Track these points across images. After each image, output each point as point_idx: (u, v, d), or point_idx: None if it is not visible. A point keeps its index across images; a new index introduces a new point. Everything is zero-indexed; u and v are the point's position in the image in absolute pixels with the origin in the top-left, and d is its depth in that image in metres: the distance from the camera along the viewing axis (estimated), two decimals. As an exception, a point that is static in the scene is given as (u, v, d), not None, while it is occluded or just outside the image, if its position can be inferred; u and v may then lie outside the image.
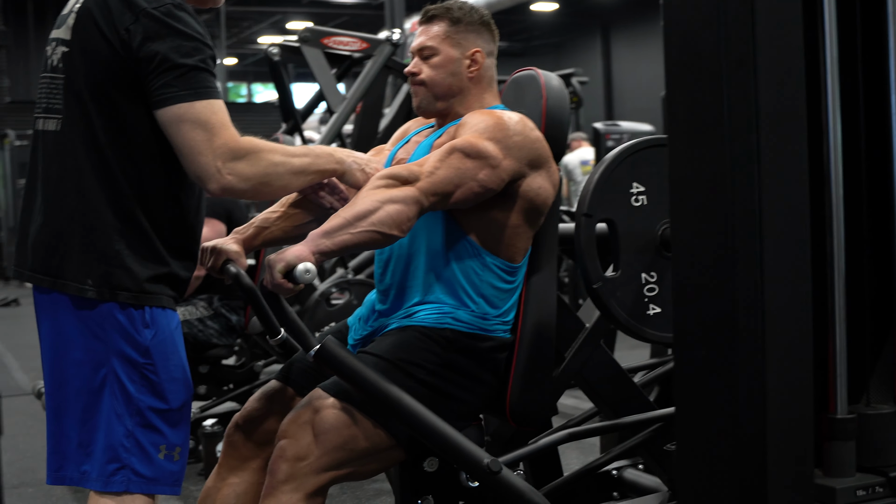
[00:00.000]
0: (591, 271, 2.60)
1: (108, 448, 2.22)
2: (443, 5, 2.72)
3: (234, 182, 2.19)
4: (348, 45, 5.06)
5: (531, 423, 2.63)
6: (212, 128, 2.15)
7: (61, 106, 2.24)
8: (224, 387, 4.71)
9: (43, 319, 2.31)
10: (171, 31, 2.15)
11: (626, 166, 2.65)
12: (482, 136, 2.47)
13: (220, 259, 2.56)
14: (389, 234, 2.36)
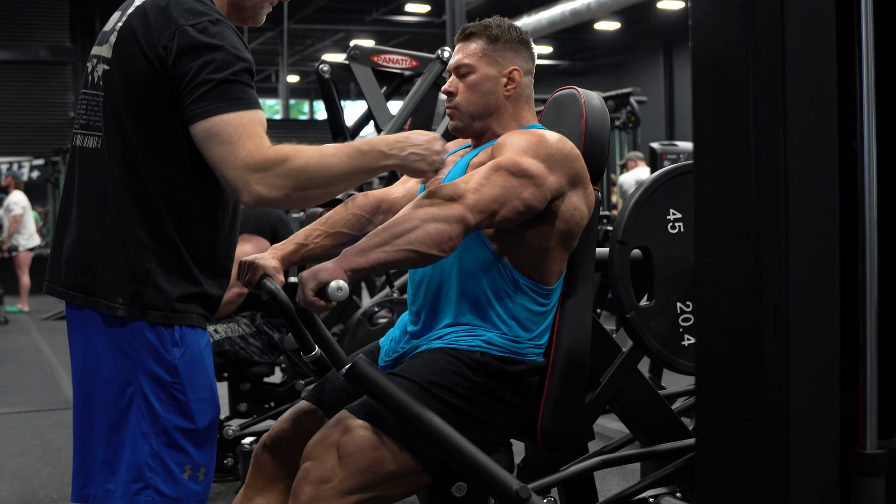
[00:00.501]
0: (624, 300, 2.54)
1: (132, 467, 2.21)
2: (481, 23, 2.69)
3: (264, 192, 2.14)
4: (398, 63, 5.05)
5: (563, 449, 2.58)
6: (237, 140, 2.12)
7: (100, 123, 2.25)
8: (265, 405, 4.71)
9: (74, 336, 2.31)
10: (204, 47, 2.15)
11: (663, 192, 2.59)
12: (525, 153, 2.44)
13: (256, 274, 2.55)
14: (428, 254, 2.31)
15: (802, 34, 1.53)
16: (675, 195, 2.59)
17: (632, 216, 2.56)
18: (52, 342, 10.48)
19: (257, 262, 2.56)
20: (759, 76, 1.53)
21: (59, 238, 2.31)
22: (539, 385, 2.55)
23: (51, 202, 18.92)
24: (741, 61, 1.55)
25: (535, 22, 20.03)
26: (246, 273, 2.57)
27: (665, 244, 2.59)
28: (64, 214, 2.32)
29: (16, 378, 8.47)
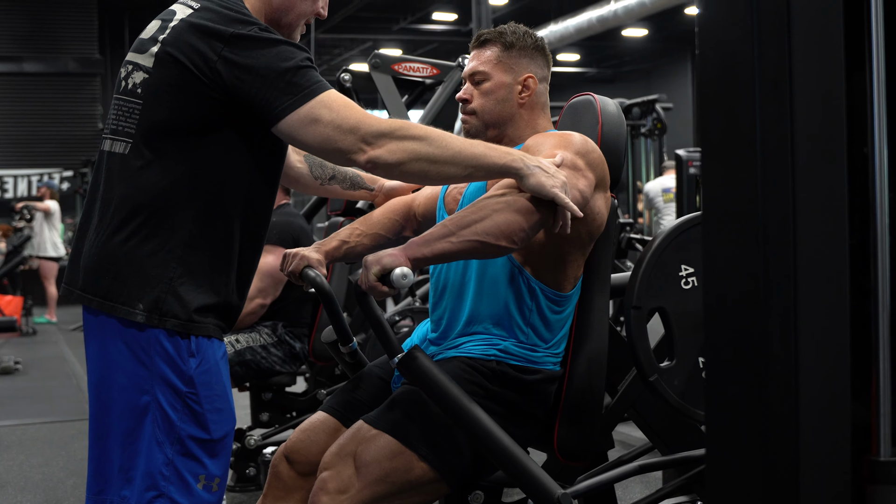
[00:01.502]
0: (645, 365, 2.48)
1: (147, 475, 2.20)
2: (496, 30, 2.68)
3: (380, 154, 2.15)
4: (419, 72, 5.04)
5: (580, 458, 2.56)
6: (340, 116, 2.15)
7: (132, 130, 2.24)
8: (287, 414, 4.71)
9: (90, 342, 2.31)
10: (264, 44, 2.16)
11: (673, 250, 2.53)
12: (566, 149, 2.42)
13: (300, 264, 2.64)
14: (496, 245, 2.26)
15: (810, 33, 1.51)
16: (685, 250, 2.53)
17: (644, 279, 2.50)
18: (79, 353, 10.53)
19: (301, 254, 2.65)
20: (765, 76, 1.51)
21: (80, 241, 2.31)
22: (556, 394, 2.53)
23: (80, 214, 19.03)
24: (747, 61, 1.53)
25: (563, 29, 20.02)
26: (290, 263, 2.66)
27: (680, 301, 2.53)
28: (86, 218, 2.32)
29: (42, 388, 8.53)
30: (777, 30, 1.50)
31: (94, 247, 2.25)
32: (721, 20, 1.58)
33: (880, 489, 1.60)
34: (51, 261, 14.31)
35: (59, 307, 14.60)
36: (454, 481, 2.40)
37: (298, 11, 2.37)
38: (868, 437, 1.61)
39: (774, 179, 1.49)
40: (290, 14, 2.36)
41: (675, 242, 2.53)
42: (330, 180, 2.88)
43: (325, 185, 2.89)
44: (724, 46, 1.58)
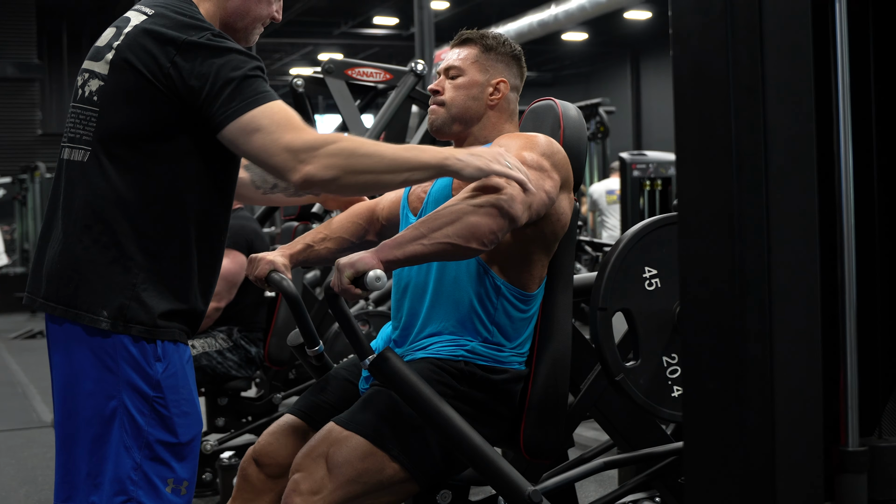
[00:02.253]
0: (612, 365, 2.55)
1: (115, 480, 2.20)
2: (479, 31, 2.74)
3: (314, 171, 2.13)
4: (372, 77, 5.07)
5: (545, 455, 2.59)
6: (278, 128, 2.14)
7: (90, 138, 2.24)
8: (242, 419, 4.71)
9: (55, 350, 2.30)
10: (215, 52, 2.16)
11: (637, 252, 2.60)
12: (532, 150, 2.46)
13: (266, 269, 2.65)
14: (466, 247, 2.30)
15: (780, 40, 1.56)
16: (649, 252, 2.61)
17: (609, 281, 2.57)
18: (22, 361, 10.41)
19: (267, 258, 2.66)
20: (739, 82, 1.56)
21: (42, 250, 2.31)
22: (521, 393, 2.57)
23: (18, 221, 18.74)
24: (721, 68, 1.58)
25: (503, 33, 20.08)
26: (256, 268, 2.66)
27: (645, 302, 2.60)
28: (47, 227, 2.32)
29: (-15, 397, 8.41)
30: (750, 38, 1.55)
31: (56, 255, 2.25)
32: (696, 29, 1.63)
33: (849, 478, 1.67)
34: None
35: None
36: (424, 481, 2.43)
37: (254, 15, 2.39)
38: (837, 428, 1.67)
39: (749, 182, 1.55)
40: (245, 18, 2.38)
41: (639, 245, 2.59)
42: (272, 189, 2.88)
43: (267, 193, 2.89)
44: (698, 54, 1.63)
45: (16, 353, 11.36)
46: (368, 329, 4.16)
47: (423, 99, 5.14)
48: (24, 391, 8.48)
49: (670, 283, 2.61)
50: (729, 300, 1.56)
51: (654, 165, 8.98)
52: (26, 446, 6.14)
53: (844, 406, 1.66)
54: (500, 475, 2.30)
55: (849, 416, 1.66)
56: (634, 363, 2.58)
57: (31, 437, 6.39)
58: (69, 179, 2.27)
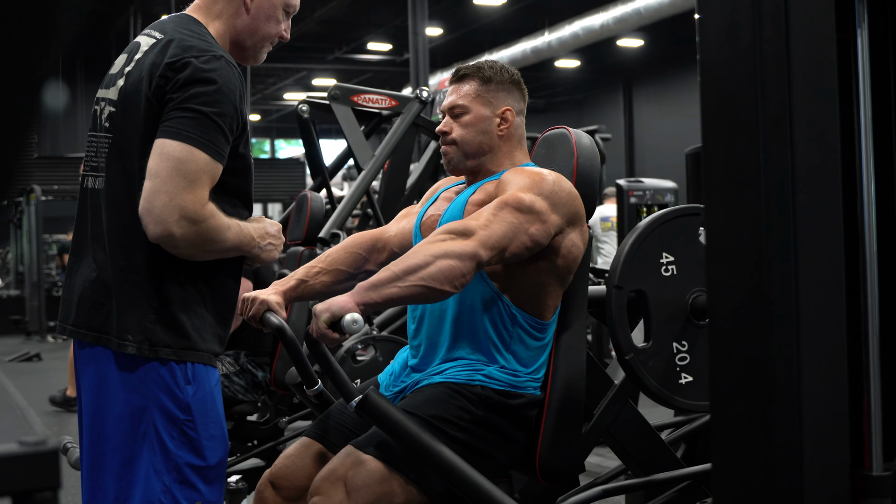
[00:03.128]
0: (623, 343, 2.60)
1: (145, 503, 2.23)
2: (474, 65, 2.75)
3: (176, 235, 2.16)
4: (377, 103, 5.11)
5: (560, 480, 2.62)
6: (193, 182, 2.16)
7: (107, 165, 2.28)
8: (248, 443, 4.72)
9: (84, 373, 2.33)
10: (203, 79, 2.19)
11: (655, 237, 2.66)
12: (529, 191, 2.48)
13: (261, 309, 2.59)
14: (440, 290, 2.35)
15: (807, 76, 1.60)
16: (667, 239, 2.67)
17: (627, 261, 2.63)
18: (19, 384, 10.37)
19: (260, 298, 2.61)
20: (767, 115, 1.59)
21: (71, 279, 2.35)
22: (537, 418, 2.60)
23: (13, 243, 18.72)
24: (750, 101, 1.61)
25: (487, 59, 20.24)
26: (249, 308, 2.61)
27: (659, 287, 2.66)
28: (76, 256, 2.35)
29: (-15, 419, 8.39)
30: (778, 73, 1.59)
31: (87, 282, 2.28)
32: (723, 61, 1.67)
33: (873, 502, 1.70)
34: None
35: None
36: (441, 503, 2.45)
37: (262, 34, 2.42)
38: (860, 453, 1.70)
39: (776, 214, 1.58)
40: (254, 37, 2.41)
41: (658, 230, 2.64)
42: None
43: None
44: (726, 88, 1.66)
45: (13, 376, 11.34)
46: (374, 354, 4.17)
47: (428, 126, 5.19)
48: (23, 414, 8.47)
49: (686, 272, 2.67)
50: (757, 329, 1.59)
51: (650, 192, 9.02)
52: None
53: (868, 431, 1.69)
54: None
55: (872, 441, 1.69)
56: (645, 345, 2.62)
57: (32, 460, 6.37)
58: (94, 207, 2.31)
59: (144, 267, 2.23)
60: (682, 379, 2.65)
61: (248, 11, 2.38)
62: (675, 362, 2.65)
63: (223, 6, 2.38)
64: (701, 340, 2.66)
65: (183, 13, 2.39)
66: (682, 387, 2.65)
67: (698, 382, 2.66)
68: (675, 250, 2.67)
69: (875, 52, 1.76)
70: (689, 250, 2.67)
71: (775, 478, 1.57)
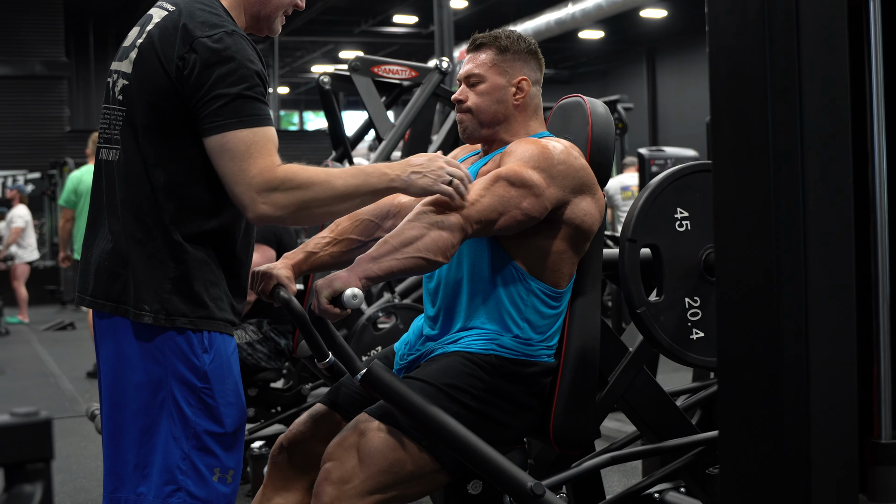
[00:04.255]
0: (635, 296, 2.61)
1: (164, 470, 2.26)
2: (491, 34, 2.75)
3: (269, 211, 2.20)
4: (398, 74, 5.11)
5: (574, 446, 2.64)
6: (248, 157, 2.18)
7: (120, 137, 2.29)
8: (272, 409, 4.77)
9: (103, 343, 2.35)
10: (220, 59, 2.19)
11: (670, 192, 2.66)
12: (527, 164, 2.48)
13: (270, 283, 2.60)
14: (434, 260, 2.38)
15: (816, 41, 1.59)
16: (682, 195, 2.67)
17: (641, 215, 2.63)
18: (54, 352, 10.56)
19: (270, 272, 2.62)
20: (775, 82, 1.59)
21: (88, 249, 2.37)
22: (551, 385, 2.61)
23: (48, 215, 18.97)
24: (758, 68, 1.61)
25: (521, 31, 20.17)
26: (259, 282, 2.62)
27: (673, 242, 2.66)
28: (92, 227, 2.37)
29: (20, 388, 8.47)
30: (787, 40, 1.58)
31: (103, 253, 2.30)
32: (732, 29, 1.66)
33: (882, 470, 1.70)
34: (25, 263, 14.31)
35: (30, 308, 14.59)
36: (454, 471, 2.47)
37: (275, 3, 2.42)
38: (870, 421, 1.71)
39: (785, 181, 1.58)
40: (267, 6, 2.41)
41: (673, 185, 2.65)
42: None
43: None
44: (735, 55, 1.66)
45: (47, 344, 11.52)
46: (396, 321, 4.20)
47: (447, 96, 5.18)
48: (56, 381, 8.61)
49: (700, 228, 2.67)
50: (766, 298, 1.59)
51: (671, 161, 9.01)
52: (60, 436, 6.20)
53: (878, 400, 1.70)
54: (501, 473, 2.36)
55: (882, 409, 1.70)
56: (657, 299, 2.64)
57: (64, 426, 6.46)
58: (109, 178, 2.33)
59: (160, 238, 2.25)
60: (693, 334, 2.66)
61: None
62: (687, 318, 2.66)
63: None
64: (713, 297, 2.65)
65: None
66: (693, 342, 2.66)
67: (710, 338, 2.67)
68: (690, 206, 2.67)
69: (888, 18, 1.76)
70: (703, 206, 2.67)
71: (783, 446, 1.57)
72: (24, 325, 14.12)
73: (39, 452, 1.07)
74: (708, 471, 2.70)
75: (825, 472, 1.58)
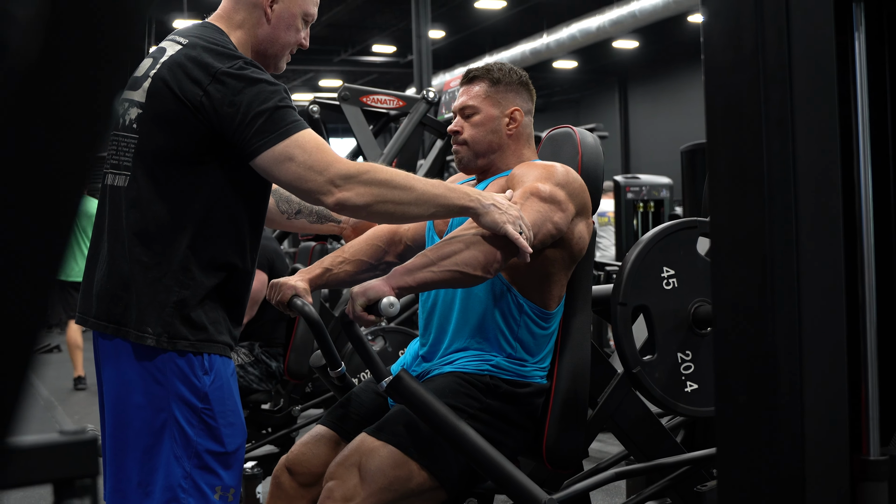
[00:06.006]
0: (629, 357, 2.67)
1: (167, 488, 2.30)
2: (483, 67, 2.83)
3: (349, 196, 2.23)
4: (385, 104, 5.20)
5: (567, 465, 2.70)
6: (311, 155, 2.22)
7: (131, 163, 2.33)
8: (263, 430, 4.82)
9: (105, 365, 2.39)
10: (247, 83, 2.24)
11: (655, 253, 2.72)
12: (547, 181, 2.55)
13: (287, 294, 2.70)
14: (474, 275, 2.41)
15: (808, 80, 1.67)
16: (667, 254, 2.73)
17: (629, 278, 2.69)
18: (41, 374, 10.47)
19: (287, 283, 2.72)
20: (770, 117, 1.66)
21: (91, 272, 2.40)
22: (544, 406, 2.68)
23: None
24: (755, 103, 1.68)
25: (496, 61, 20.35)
26: (277, 294, 2.72)
27: (662, 300, 2.72)
28: (95, 249, 2.41)
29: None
30: (780, 76, 1.66)
31: (104, 276, 2.35)
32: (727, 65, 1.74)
33: (871, 486, 1.77)
34: None
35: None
36: (452, 488, 2.54)
37: (282, 43, 2.49)
38: (858, 437, 1.77)
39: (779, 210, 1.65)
40: (274, 45, 2.48)
41: (657, 246, 2.72)
42: (296, 214, 2.97)
43: (291, 219, 2.98)
44: (730, 90, 1.73)
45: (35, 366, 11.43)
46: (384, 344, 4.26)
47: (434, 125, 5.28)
48: (45, 404, 8.59)
49: (686, 284, 2.73)
50: (760, 321, 1.64)
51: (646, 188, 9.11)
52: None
53: (866, 417, 1.76)
54: (517, 486, 2.41)
55: (870, 426, 1.76)
56: (651, 357, 2.70)
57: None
58: (113, 203, 2.37)
59: (167, 263, 2.29)
60: (687, 387, 2.72)
61: (268, 21, 2.44)
62: (681, 371, 2.72)
63: (245, 16, 2.44)
64: (703, 349, 2.72)
65: (206, 21, 2.45)
66: (687, 394, 2.71)
67: (703, 389, 2.73)
68: (675, 263, 2.73)
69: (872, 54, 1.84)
70: (688, 262, 2.73)
71: (778, 463, 1.61)
72: None
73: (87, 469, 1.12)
74: (696, 488, 2.76)
75: (818, 489, 1.62)
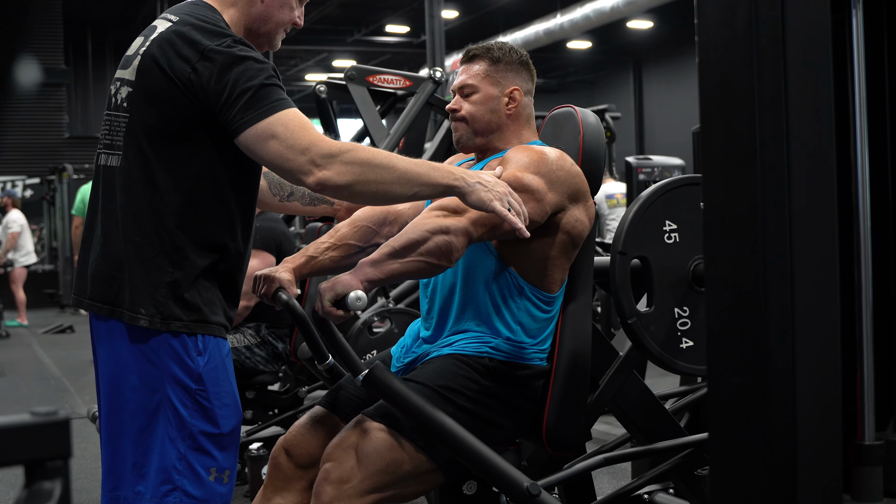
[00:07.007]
0: (626, 307, 2.66)
1: (161, 470, 2.29)
2: (484, 45, 2.81)
3: (330, 175, 2.21)
4: (392, 83, 5.18)
5: (566, 448, 2.69)
6: (293, 134, 2.20)
7: (123, 143, 2.32)
8: (269, 412, 4.82)
9: (100, 346, 2.39)
10: (234, 60, 2.23)
11: (659, 205, 2.71)
12: (527, 170, 2.53)
13: (272, 287, 2.66)
14: (437, 265, 2.42)
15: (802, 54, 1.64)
16: (671, 207, 2.73)
17: (631, 228, 2.69)
18: (54, 355, 10.59)
19: (272, 276, 2.67)
20: (763, 94, 1.63)
21: (86, 253, 2.39)
22: (543, 388, 2.66)
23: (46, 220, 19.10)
24: (747, 80, 1.66)
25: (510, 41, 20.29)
26: (262, 286, 2.68)
27: (662, 254, 2.72)
28: (89, 230, 2.40)
29: (21, 390, 8.48)
30: (774, 52, 1.63)
31: (99, 257, 2.34)
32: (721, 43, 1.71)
33: (865, 470, 1.75)
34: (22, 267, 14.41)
35: (29, 311, 14.68)
36: (450, 471, 2.53)
37: (276, 21, 2.46)
38: (853, 423, 1.75)
39: (773, 187, 1.62)
40: (268, 23, 2.45)
41: (662, 199, 2.70)
42: (289, 197, 2.96)
43: (283, 201, 2.97)
44: (724, 67, 1.71)
45: (47, 347, 11.55)
46: (390, 326, 4.25)
47: (441, 105, 5.25)
48: (56, 384, 8.63)
49: (688, 240, 2.72)
50: (753, 303, 1.61)
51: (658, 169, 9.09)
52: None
53: (861, 402, 1.73)
54: (498, 472, 2.41)
55: (865, 411, 1.74)
56: (648, 309, 2.69)
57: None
58: (107, 183, 2.36)
59: (160, 243, 2.28)
60: (682, 343, 2.71)
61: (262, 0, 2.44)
62: (677, 327, 2.71)
63: None
64: (702, 306, 2.71)
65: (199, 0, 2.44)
66: (682, 351, 2.71)
67: (698, 347, 2.73)
68: (678, 218, 2.73)
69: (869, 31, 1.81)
70: (691, 218, 2.72)
71: (771, 448, 1.59)
72: (24, 328, 14.17)
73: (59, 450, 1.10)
74: (696, 472, 2.75)
75: (811, 473, 1.59)
